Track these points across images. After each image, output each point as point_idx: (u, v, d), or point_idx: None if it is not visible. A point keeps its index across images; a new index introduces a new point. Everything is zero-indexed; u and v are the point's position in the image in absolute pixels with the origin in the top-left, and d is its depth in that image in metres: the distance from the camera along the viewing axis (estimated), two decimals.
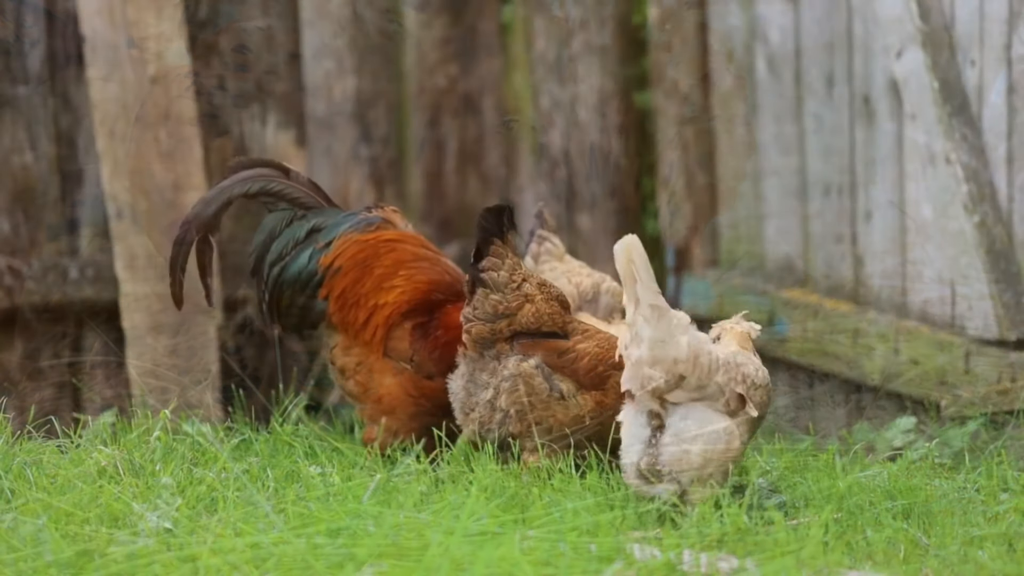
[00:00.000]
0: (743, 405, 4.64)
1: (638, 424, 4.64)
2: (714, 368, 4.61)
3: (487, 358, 4.88)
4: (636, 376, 4.60)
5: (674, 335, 4.58)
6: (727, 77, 7.13)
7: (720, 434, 4.61)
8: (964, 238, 5.83)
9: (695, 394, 4.61)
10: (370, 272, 4.91)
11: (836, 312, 6.51)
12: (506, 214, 4.90)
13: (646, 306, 4.57)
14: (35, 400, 6.82)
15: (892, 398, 6.23)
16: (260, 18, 7.14)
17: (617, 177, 7.46)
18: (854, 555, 4.33)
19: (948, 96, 5.87)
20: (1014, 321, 5.75)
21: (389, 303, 4.87)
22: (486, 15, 7.44)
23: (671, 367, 4.57)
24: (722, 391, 4.62)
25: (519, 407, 4.84)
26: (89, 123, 6.85)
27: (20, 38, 6.72)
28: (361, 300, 4.88)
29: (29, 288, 6.77)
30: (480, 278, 4.86)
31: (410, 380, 4.87)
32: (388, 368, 4.85)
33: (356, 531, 4.17)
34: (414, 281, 4.90)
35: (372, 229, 5.00)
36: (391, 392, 4.86)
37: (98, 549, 4.12)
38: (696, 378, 4.59)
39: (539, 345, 4.87)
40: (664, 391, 4.59)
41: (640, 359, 4.59)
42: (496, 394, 4.85)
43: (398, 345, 4.88)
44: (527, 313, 4.87)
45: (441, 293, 4.93)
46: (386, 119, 7.36)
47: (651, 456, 4.61)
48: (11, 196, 6.80)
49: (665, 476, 4.61)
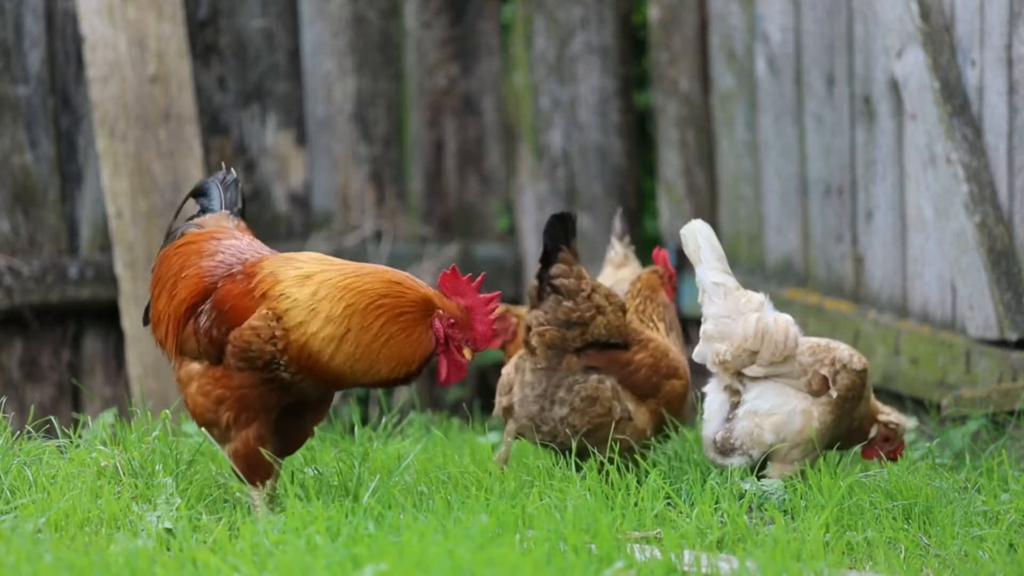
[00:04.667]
0: (827, 387, 4.82)
1: (718, 398, 4.91)
2: (791, 347, 4.82)
3: (560, 372, 4.89)
4: (706, 350, 4.88)
5: (742, 312, 4.85)
6: (727, 77, 7.12)
7: (796, 413, 4.82)
8: (965, 238, 5.83)
9: (771, 371, 4.84)
10: (164, 286, 4.63)
11: (836, 312, 6.51)
12: (570, 221, 4.87)
13: (709, 283, 4.87)
14: (35, 400, 6.82)
15: (892, 398, 6.23)
16: (260, 18, 7.14)
17: (617, 177, 7.46)
18: (854, 555, 4.33)
19: (948, 96, 5.87)
20: (1015, 321, 5.75)
21: (173, 310, 4.58)
22: (486, 15, 7.44)
23: (740, 342, 4.82)
24: (805, 371, 4.84)
25: (592, 427, 4.87)
26: (89, 123, 6.85)
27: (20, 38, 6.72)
28: (160, 316, 4.62)
29: (29, 288, 6.77)
30: (553, 284, 4.86)
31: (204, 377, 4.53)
32: (189, 375, 4.54)
33: (356, 531, 4.17)
34: (187, 278, 4.57)
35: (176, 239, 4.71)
36: (194, 400, 4.53)
37: (98, 549, 4.12)
38: (768, 354, 4.81)
39: (605, 357, 4.89)
40: (734, 366, 4.84)
41: (708, 333, 4.87)
42: (572, 411, 4.87)
43: (189, 346, 4.56)
44: (599, 324, 4.88)
45: (210, 277, 4.57)
46: (386, 119, 7.36)
47: (726, 430, 4.86)
48: (11, 196, 6.80)
49: (737, 450, 4.84)
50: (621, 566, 3.96)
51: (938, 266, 6.10)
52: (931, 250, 6.12)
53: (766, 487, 4.68)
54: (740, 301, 4.88)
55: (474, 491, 4.65)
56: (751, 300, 4.90)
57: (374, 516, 4.36)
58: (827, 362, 4.85)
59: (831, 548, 4.30)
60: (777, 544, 4.13)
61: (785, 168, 6.84)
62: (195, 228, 4.73)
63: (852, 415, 4.91)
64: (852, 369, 4.85)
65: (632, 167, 7.49)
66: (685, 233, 4.95)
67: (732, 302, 4.88)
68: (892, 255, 6.34)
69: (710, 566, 4.02)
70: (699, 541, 4.28)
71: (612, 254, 5.75)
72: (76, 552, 4.07)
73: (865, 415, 4.97)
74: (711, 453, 4.89)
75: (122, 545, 4.11)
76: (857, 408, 4.91)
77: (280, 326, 4.43)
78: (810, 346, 4.88)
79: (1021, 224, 5.74)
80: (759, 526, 4.46)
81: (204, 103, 7.05)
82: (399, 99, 7.37)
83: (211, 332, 4.50)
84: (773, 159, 6.90)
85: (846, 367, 4.85)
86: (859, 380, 4.87)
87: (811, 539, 4.26)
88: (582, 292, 4.87)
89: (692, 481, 4.76)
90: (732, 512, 4.43)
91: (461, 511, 4.36)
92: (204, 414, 4.52)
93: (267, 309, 4.45)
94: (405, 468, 4.75)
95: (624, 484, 4.62)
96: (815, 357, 4.86)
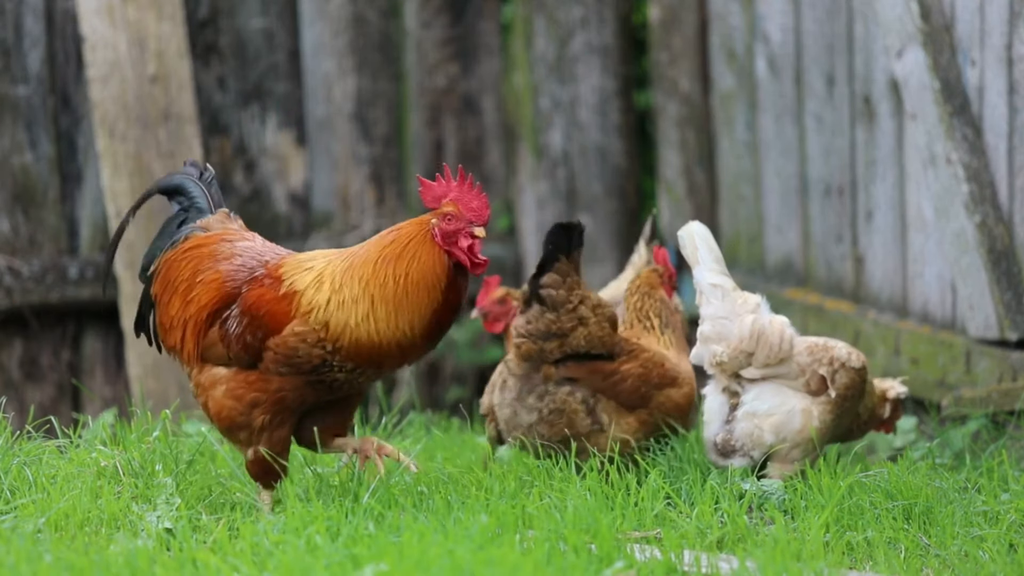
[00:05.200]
0: (825, 386, 4.83)
1: (717, 400, 4.91)
2: (786, 349, 4.81)
3: (535, 379, 4.88)
4: (703, 351, 4.88)
5: (738, 313, 4.84)
6: (727, 77, 7.12)
7: (795, 413, 4.83)
8: (965, 238, 5.83)
9: (769, 372, 4.84)
10: (175, 291, 4.57)
11: (836, 312, 6.51)
12: (576, 231, 4.83)
13: (706, 285, 4.87)
14: (35, 400, 6.82)
15: None
16: (260, 18, 7.14)
17: (617, 177, 7.46)
18: (854, 555, 4.33)
19: (949, 96, 5.87)
20: (1015, 321, 5.75)
21: (192, 315, 4.53)
22: (486, 15, 7.44)
23: (736, 344, 4.82)
24: (803, 371, 4.84)
25: (560, 438, 4.86)
26: (89, 123, 6.85)
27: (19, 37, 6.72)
28: (173, 322, 4.56)
29: (29, 288, 6.77)
30: (539, 295, 4.84)
31: (234, 380, 4.50)
32: (214, 379, 4.51)
33: (356, 531, 4.17)
34: (206, 283, 4.53)
35: (180, 243, 4.64)
36: (220, 404, 4.50)
37: (98, 549, 4.12)
38: (764, 356, 4.81)
39: (586, 368, 4.88)
40: (731, 367, 4.84)
41: (705, 335, 4.86)
42: (539, 420, 4.86)
43: (215, 352, 4.52)
44: (579, 336, 4.86)
45: (231, 281, 4.53)
46: (386, 119, 7.35)
47: (726, 431, 4.86)
48: (11, 196, 6.80)
49: (738, 451, 4.84)
50: (621, 566, 3.96)
51: (938, 266, 6.09)
52: (931, 250, 6.12)
53: (766, 487, 4.68)
54: (737, 302, 4.88)
55: (474, 491, 4.65)
56: (747, 301, 4.90)
57: (374, 516, 4.36)
58: (825, 361, 4.85)
59: (831, 548, 4.30)
60: (777, 544, 4.13)
61: (785, 168, 6.84)
62: (200, 231, 4.67)
63: (853, 413, 4.92)
64: (851, 367, 4.86)
65: (632, 167, 7.49)
66: (682, 235, 4.98)
67: (729, 303, 4.88)
68: (892, 255, 6.34)
69: (710, 566, 4.02)
70: (699, 541, 4.28)
71: (635, 257, 5.74)
72: (76, 552, 4.07)
73: (875, 403, 5.02)
74: (712, 455, 4.89)
75: (122, 545, 4.11)
76: (859, 405, 4.92)
77: (327, 332, 4.44)
78: (808, 346, 4.88)
79: (1021, 224, 5.74)
80: (759, 526, 4.46)
81: (204, 103, 7.05)
82: (399, 99, 7.37)
83: (244, 338, 4.49)
84: (773, 159, 6.90)
85: (844, 365, 4.86)
86: (858, 378, 4.87)
87: (811, 539, 4.25)
88: (568, 304, 4.84)
89: (692, 481, 4.76)
90: (732, 512, 4.43)
91: (461, 511, 4.36)
92: (233, 417, 4.50)
93: (305, 316, 4.46)
94: (405, 468, 4.75)
95: (624, 484, 4.62)
96: (813, 357, 4.86)
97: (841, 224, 6.58)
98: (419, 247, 4.47)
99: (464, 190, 4.50)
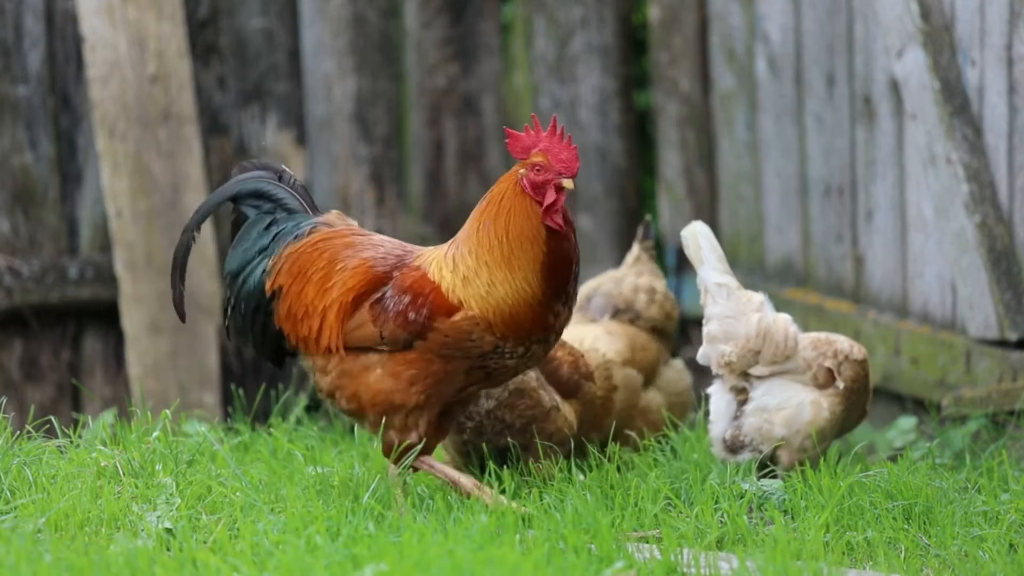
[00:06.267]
0: (832, 379, 4.90)
1: (724, 399, 4.96)
2: (791, 346, 4.88)
3: None
4: (710, 351, 4.94)
5: (744, 312, 4.91)
6: (727, 77, 7.12)
7: (804, 405, 4.89)
8: (965, 238, 5.83)
9: (776, 368, 4.90)
10: (308, 280, 4.57)
11: (836, 312, 6.51)
12: None
13: (712, 284, 4.92)
14: (35, 400, 6.82)
15: (892, 398, 6.23)
16: (260, 18, 7.14)
17: (617, 177, 7.46)
18: (854, 555, 4.33)
19: (949, 96, 5.87)
20: (1015, 321, 5.75)
21: (336, 299, 4.53)
22: (486, 15, 7.44)
23: (743, 343, 4.88)
24: (809, 366, 4.91)
25: (524, 420, 4.85)
26: (89, 123, 6.85)
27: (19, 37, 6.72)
28: (308, 310, 4.55)
29: (29, 288, 6.77)
30: None
31: (391, 361, 4.51)
32: (364, 364, 4.51)
33: (356, 531, 4.17)
34: (350, 268, 4.55)
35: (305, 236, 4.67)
36: (379, 386, 4.51)
37: (98, 549, 4.12)
38: (771, 353, 4.88)
39: None
40: (740, 366, 4.90)
41: (712, 335, 4.92)
42: (499, 405, 4.85)
43: (362, 333, 4.53)
44: None
45: (381, 266, 4.56)
46: (386, 119, 7.35)
47: (735, 427, 4.92)
48: (11, 196, 6.79)
49: (747, 447, 4.91)
50: (621, 566, 3.96)
51: (938, 266, 6.10)
52: (931, 250, 6.13)
53: (766, 487, 4.68)
54: (742, 301, 4.93)
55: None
56: (751, 300, 4.95)
57: (374, 516, 4.36)
58: (829, 355, 4.93)
59: (831, 548, 4.30)
60: (777, 544, 4.13)
61: (785, 168, 6.84)
62: (324, 227, 4.69)
63: (860, 406, 4.98)
64: (854, 360, 4.94)
65: (632, 167, 7.49)
66: (686, 235, 5.01)
67: (735, 302, 4.94)
68: (892, 255, 6.34)
69: (710, 566, 4.02)
70: (699, 541, 4.28)
71: (630, 257, 5.77)
72: (76, 552, 4.07)
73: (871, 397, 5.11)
74: (720, 451, 4.95)
75: (122, 545, 4.11)
76: (865, 399, 4.98)
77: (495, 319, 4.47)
78: (811, 340, 4.95)
79: (1021, 224, 5.74)
80: (759, 526, 4.46)
81: (204, 103, 7.05)
82: (399, 99, 7.37)
83: (406, 315, 4.49)
84: (773, 159, 6.90)
85: (848, 358, 4.93)
86: (862, 370, 4.95)
87: (811, 539, 4.26)
88: None
89: (692, 481, 4.76)
90: (732, 512, 4.43)
91: (461, 511, 4.36)
92: (391, 397, 4.50)
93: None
94: (404, 468, 4.75)
95: (624, 484, 4.62)
96: (817, 351, 4.93)
97: (841, 224, 6.58)
98: (512, 202, 4.48)
99: (554, 141, 4.52)
